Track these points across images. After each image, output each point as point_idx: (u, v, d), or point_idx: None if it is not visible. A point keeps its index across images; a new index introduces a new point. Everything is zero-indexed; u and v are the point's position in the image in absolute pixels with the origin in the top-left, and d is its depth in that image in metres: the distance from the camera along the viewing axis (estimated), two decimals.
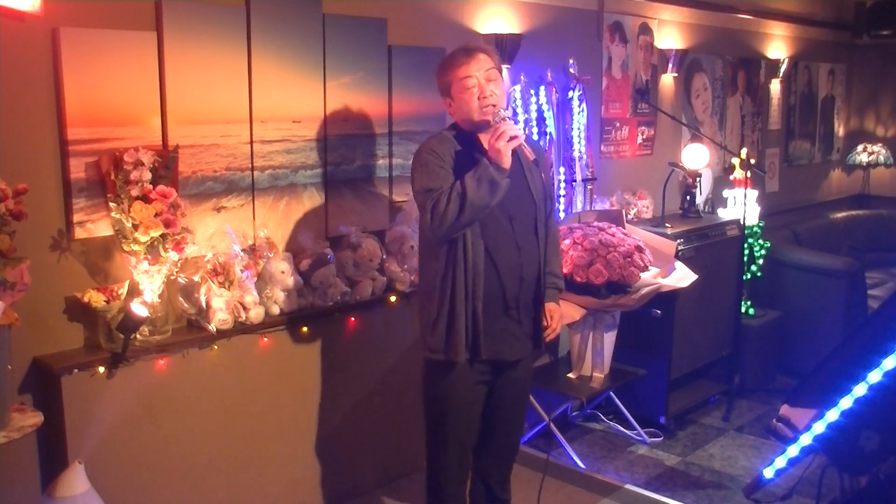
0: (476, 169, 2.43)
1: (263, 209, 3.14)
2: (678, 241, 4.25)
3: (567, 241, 3.78)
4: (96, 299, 2.63)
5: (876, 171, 7.47)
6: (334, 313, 3.24)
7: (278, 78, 3.11)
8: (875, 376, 2.35)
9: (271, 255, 3.08)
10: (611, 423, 4.43)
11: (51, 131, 2.60)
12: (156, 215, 2.63)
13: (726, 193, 5.25)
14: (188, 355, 2.84)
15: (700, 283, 4.13)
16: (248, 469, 3.08)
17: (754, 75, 6.02)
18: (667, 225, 4.41)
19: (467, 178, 2.42)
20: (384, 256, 3.38)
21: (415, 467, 3.58)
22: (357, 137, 3.40)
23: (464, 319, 2.59)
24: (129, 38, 2.70)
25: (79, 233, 2.66)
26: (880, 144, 7.28)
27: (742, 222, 4.69)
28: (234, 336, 2.94)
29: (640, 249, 3.82)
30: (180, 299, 2.89)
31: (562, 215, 4.26)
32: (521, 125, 2.51)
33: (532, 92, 4.09)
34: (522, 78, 4.04)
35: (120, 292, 2.69)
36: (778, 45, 6.26)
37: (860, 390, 2.38)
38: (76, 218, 2.64)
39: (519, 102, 4.02)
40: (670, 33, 5.11)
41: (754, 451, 4.18)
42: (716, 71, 5.60)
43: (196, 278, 2.90)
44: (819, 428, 2.47)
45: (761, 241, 5.14)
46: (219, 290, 2.89)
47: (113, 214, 2.66)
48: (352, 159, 3.40)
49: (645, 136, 5.05)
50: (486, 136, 2.58)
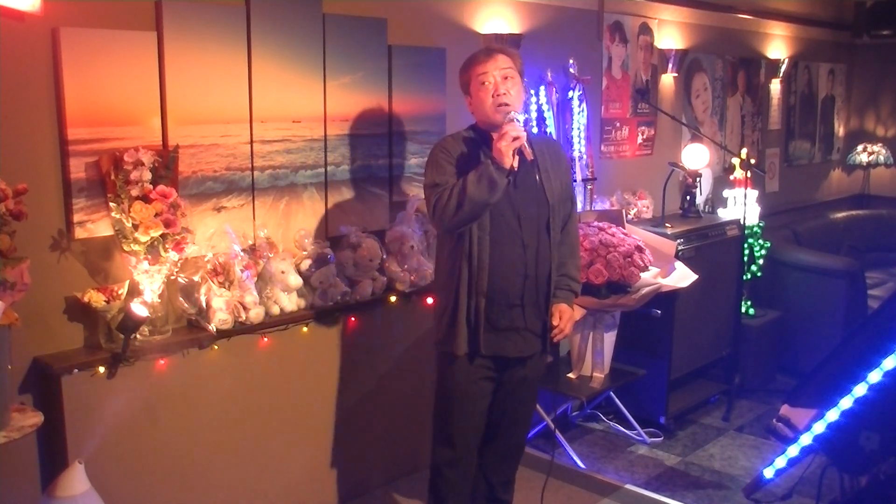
0: (478, 167, 2.51)
1: (263, 209, 3.14)
2: (678, 241, 4.25)
3: None
4: (96, 299, 2.63)
5: (876, 171, 7.47)
6: (334, 313, 3.24)
7: (278, 78, 3.10)
8: (875, 376, 2.35)
9: (271, 255, 3.08)
10: (611, 423, 4.43)
11: (51, 131, 2.60)
12: (156, 215, 2.63)
13: (726, 193, 5.25)
14: (188, 355, 2.84)
15: (700, 283, 4.13)
16: (248, 469, 3.08)
17: (754, 75, 6.03)
18: (667, 225, 4.41)
19: (469, 175, 2.51)
20: (384, 256, 3.38)
21: (416, 466, 3.58)
22: (357, 137, 3.40)
23: (465, 313, 2.65)
24: (129, 38, 2.70)
25: (79, 233, 2.66)
26: (880, 144, 7.28)
27: (742, 222, 4.69)
28: (234, 336, 2.93)
29: (640, 249, 3.82)
30: (180, 299, 2.89)
31: None
32: (522, 125, 2.54)
33: (532, 92, 4.09)
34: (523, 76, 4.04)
35: (120, 292, 2.69)
36: (778, 45, 6.26)
37: (860, 390, 2.38)
38: (76, 218, 2.64)
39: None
40: (670, 33, 5.11)
41: (754, 451, 4.18)
42: (716, 71, 5.60)
43: (196, 278, 2.90)
44: (819, 428, 2.47)
45: (761, 241, 5.14)
46: (219, 290, 2.89)
47: (113, 214, 2.66)
48: (352, 159, 3.40)
49: (645, 136, 5.05)
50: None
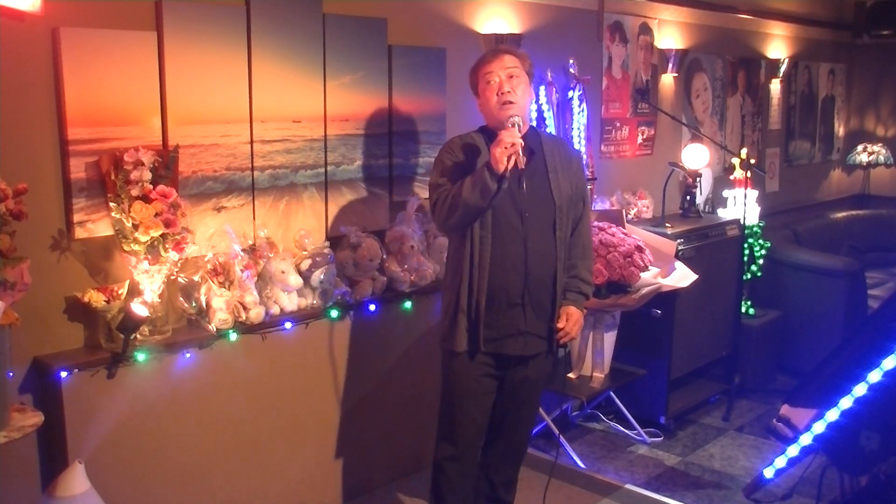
0: (475, 172, 2.54)
1: (263, 209, 3.14)
2: (678, 241, 4.25)
3: None
4: (96, 299, 2.63)
5: (876, 171, 7.47)
6: (334, 313, 3.24)
7: (278, 78, 3.11)
8: (875, 376, 2.35)
9: (271, 255, 3.08)
10: (611, 423, 4.43)
11: (51, 131, 2.60)
12: (156, 215, 2.63)
13: (726, 193, 5.25)
14: (188, 355, 2.84)
15: (700, 283, 4.12)
16: (248, 469, 3.08)
17: (754, 75, 6.02)
18: (667, 225, 4.41)
19: (466, 180, 2.54)
20: (384, 256, 3.38)
21: (418, 466, 3.59)
22: (357, 137, 3.40)
23: (466, 310, 2.68)
24: (129, 38, 2.70)
25: (79, 233, 2.66)
26: (880, 144, 7.28)
27: (742, 222, 4.69)
28: (234, 336, 2.93)
29: (640, 249, 3.82)
30: (180, 299, 2.89)
31: None
32: (521, 130, 2.56)
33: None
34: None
35: (120, 292, 2.69)
36: (778, 45, 6.26)
37: (860, 390, 2.38)
38: (76, 218, 2.64)
39: None
40: (670, 33, 5.11)
41: (754, 451, 4.18)
42: (716, 71, 5.60)
43: (196, 278, 2.90)
44: (819, 428, 2.48)
45: (761, 241, 5.14)
46: (219, 290, 2.89)
47: (113, 214, 2.66)
48: (352, 159, 3.40)
49: (645, 136, 5.05)
50: None
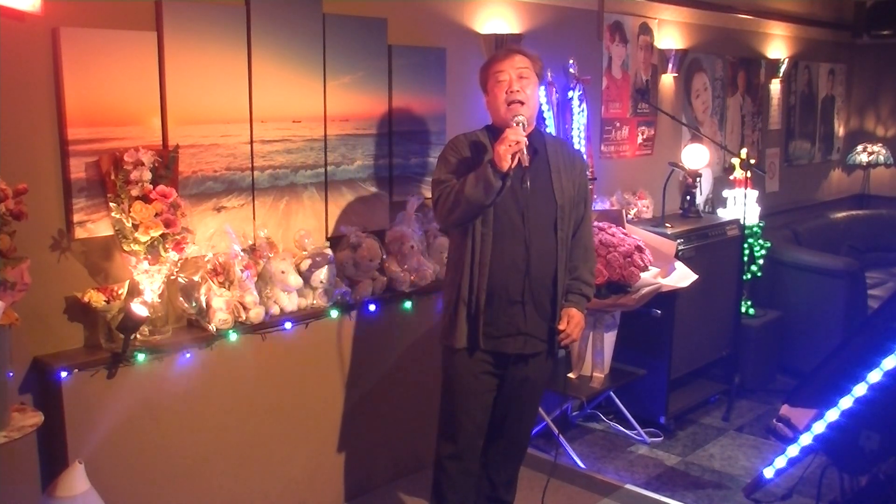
0: (478, 169, 2.54)
1: (263, 209, 3.14)
2: (678, 241, 4.25)
3: None
4: (96, 299, 2.63)
5: (876, 171, 7.47)
6: (334, 313, 3.24)
7: (278, 78, 3.10)
8: (875, 376, 2.35)
9: (271, 255, 3.08)
10: (611, 423, 4.43)
11: (51, 131, 2.60)
12: (156, 215, 2.62)
13: (726, 193, 5.25)
14: (188, 355, 2.84)
15: (700, 283, 4.12)
16: (248, 469, 3.08)
17: (754, 75, 6.02)
18: (667, 225, 4.41)
19: (469, 176, 2.55)
20: (384, 256, 3.38)
21: (418, 466, 3.59)
22: (357, 137, 3.40)
23: (465, 307, 2.69)
24: (129, 38, 2.70)
25: (79, 233, 2.66)
26: (880, 144, 7.28)
27: (742, 222, 4.69)
28: (234, 336, 2.93)
29: (640, 249, 3.82)
30: (180, 299, 2.89)
31: None
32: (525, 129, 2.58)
33: None
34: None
35: (120, 292, 2.69)
36: (778, 45, 6.26)
37: (860, 390, 2.38)
38: (76, 218, 2.64)
39: None
40: (670, 33, 5.11)
41: (754, 451, 4.18)
42: (716, 71, 5.60)
43: (196, 278, 2.90)
44: (819, 428, 2.48)
45: (761, 241, 5.14)
46: (219, 290, 2.89)
47: (113, 214, 2.66)
48: (352, 159, 3.40)
49: (645, 136, 5.05)
50: None
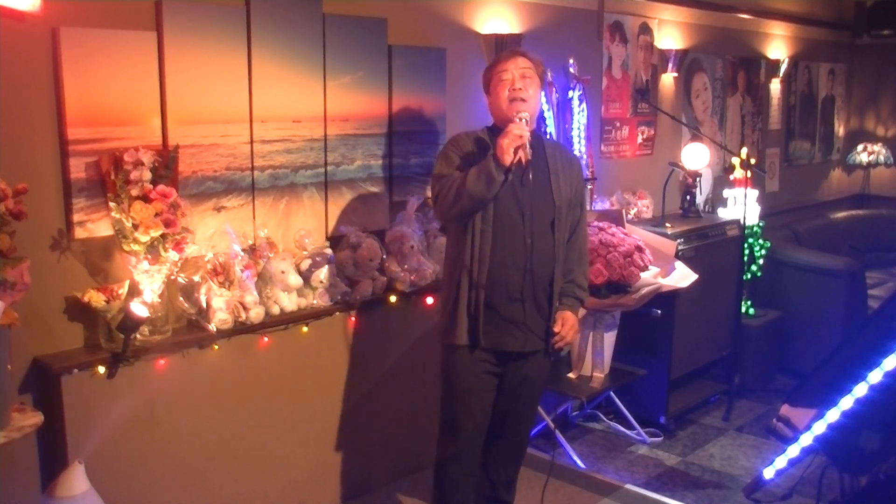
0: (480, 163, 2.56)
1: (263, 209, 3.14)
2: (678, 241, 4.25)
3: None
4: (96, 299, 2.63)
5: (876, 170, 7.47)
6: (334, 313, 3.24)
7: (278, 78, 3.10)
8: (875, 376, 2.35)
9: (271, 255, 3.08)
10: (611, 423, 4.43)
11: (51, 131, 2.60)
12: (156, 215, 2.63)
13: (726, 193, 5.25)
14: (188, 355, 2.84)
15: (700, 283, 4.12)
16: (248, 469, 3.08)
17: (754, 75, 6.02)
18: (667, 225, 4.41)
19: (471, 170, 2.57)
20: (384, 256, 3.38)
21: (419, 465, 3.58)
22: (357, 137, 3.40)
23: (466, 304, 2.70)
24: (129, 38, 2.70)
25: (79, 233, 2.66)
26: (880, 144, 7.28)
27: (742, 222, 4.69)
28: (234, 336, 2.93)
29: (640, 249, 3.82)
30: (180, 299, 2.89)
31: None
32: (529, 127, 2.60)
33: None
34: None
35: (120, 292, 2.69)
36: (778, 45, 6.26)
37: (860, 390, 2.38)
38: (76, 218, 2.64)
39: None
40: (670, 33, 5.11)
41: (754, 451, 4.18)
42: (716, 71, 5.60)
43: (196, 278, 2.90)
44: (819, 428, 2.47)
45: (761, 241, 5.14)
46: (219, 290, 2.89)
47: (113, 214, 2.66)
48: (352, 159, 3.40)
49: (645, 136, 5.05)
50: None
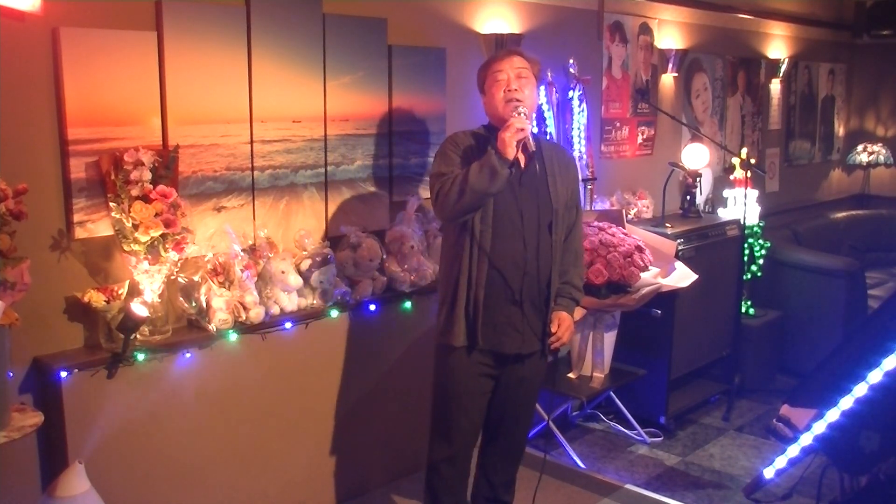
0: (482, 157, 2.53)
1: (263, 209, 3.14)
2: (678, 241, 4.25)
3: None
4: (96, 299, 2.63)
5: (876, 171, 7.47)
6: (334, 313, 3.24)
7: (278, 78, 3.11)
8: (875, 376, 2.35)
9: (271, 255, 3.08)
10: (611, 423, 4.43)
11: (51, 131, 2.60)
12: (156, 215, 2.62)
13: (726, 193, 5.25)
14: (188, 355, 2.84)
15: (700, 283, 4.12)
16: (248, 469, 3.08)
17: (754, 75, 6.03)
18: (667, 225, 4.41)
19: (473, 165, 2.54)
20: (384, 256, 3.38)
21: (416, 467, 3.58)
22: (357, 137, 3.40)
23: (464, 305, 2.68)
24: (129, 38, 2.70)
25: (79, 233, 2.66)
26: (880, 144, 7.28)
27: (742, 222, 4.69)
28: (234, 336, 2.93)
29: (640, 249, 3.82)
30: (180, 299, 2.89)
31: None
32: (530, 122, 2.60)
33: None
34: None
35: (120, 292, 2.69)
36: (778, 45, 6.26)
37: (860, 390, 2.38)
38: (76, 218, 2.64)
39: None
40: (670, 33, 5.11)
41: (754, 451, 4.19)
42: (716, 71, 5.60)
43: (196, 278, 2.90)
44: (819, 428, 2.47)
45: (761, 241, 5.15)
46: (219, 290, 2.89)
47: (113, 214, 2.66)
48: (352, 159, 3.40)
49: (645, 136, 5.05)
50: None
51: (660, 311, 4.11)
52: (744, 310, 4.94)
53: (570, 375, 4.12)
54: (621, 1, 4.66)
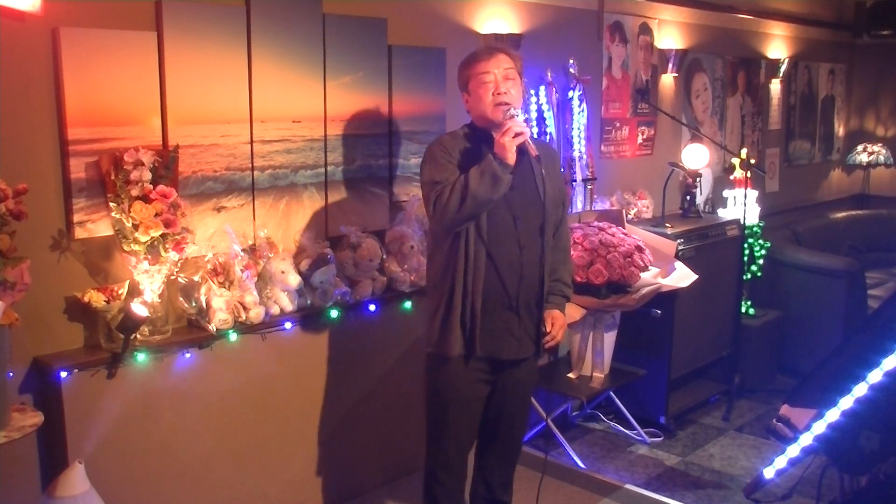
0: (481, 163, 2.48)
1: (263, 209, 3.14)
2: (678, 241, 4.25)
3: None
4: (96, 299, 2.63)
5: (876, 171, 7.47)
6: (334, 313, 3.24)
7: (278, 78, 3.10)
8: (875, 376, 2.35)
9: (271, 255, 3.08)
10: (611, 423, 4.43)
11: (51, 131, 2.60)
12: (156, 215, 2.62)
13: (726, 193, 5.25)
14: (188, 355, 2.84)
15: (700, 283, 4.13)
16: (248, 469, 3.08)
17: (754, 75, 6.03)
18: (667, 225, 4.41)
19: (472, 171, 2.48)
20: (384, 256, 3.38)
21: (415, 467, 3.58)
22: (357, 137, 3.40)
23: (460, 314, 2.62)
24: (129, 38, 2.70)
25: (79, 233, 2.66)
26: (880, 144, 7.28)
27: (742, 222, 4.69)
28: (234, 336, 2.93)
29: (640, 249, 3.82)
30: (180, 299, 2.89)
31: None
32: (525, 123, 2.55)
33: (532, 92, 4.09)
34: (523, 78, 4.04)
35: (120, 292, 2.69)
36: (778, 45, 6.26)
37: (860, 390, 2.38)
38: (76, 218, 2.64)
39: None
40: (670, 33, 5.11)
41: (754, 451, 4.19)
42: (716, 71, 5.60)
43: (196, 278, 2.90)
44: (819, 428, 2.47)
45: (761, 241, 5.15)
46: (219, 290, 2.89)
47: (113, 214, 2.66)
48: (352, 159, 3.40)
49: (645, 136, 5.05)
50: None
51: (660, 311, 4.11)
52: (744, 310, 4.94)
53: (570, 375, 4.12)
54: (621, 1, 4.66)
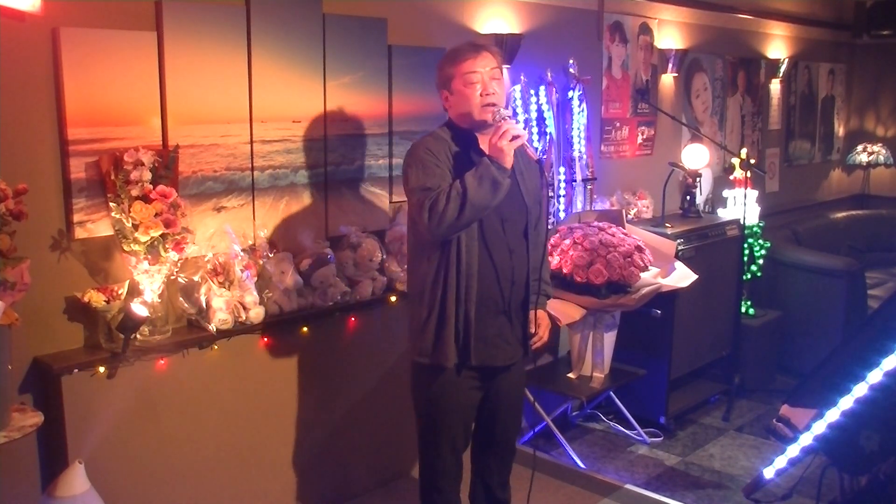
0: (477, 168, 2.39)
1: (263, 209, 3.14)
2: (678, 241, 4.25)
3: (567, 241, 3.78)
4: (96, 299, 2.63)
5: (876, 171, 7.47)
6: (334, 313, 3.24)
7: (278, 78, 3.11)
8: (875, 376, 2.35)
9: (271, 255, 3.08)
10: (611, 423, 4.43)
11: (51, 131, 2.60)
12: (156, 215, 2.63)
13: (726, 193, 5.25)
14: (188, 355, 2.84)
15: (700, 283, 4.13)
16: (247, 469, 3.08)
17: (754, 75, 6.03)
18: (667, 225, 4.41)
19: (468, 177, 2.38)
20: (384, 256, 3.38)
21: (412, 469, 3.58)
22: (357, 137, 3.40)
23: (454, 323, 2.55)
24: (129, 38, 2.70)
25: (79, 233, 2.66)
26: (880, 144, 7.28)
27: (742, 222, 4.69)
28: (234, 336, 2.93)
29: (640, 249, 3.82)
30: (180, 299, 2.89)
31: (562, 215, 4.27)
32: (521, 125, 2.50)
33: (532, 92, 4.09)
34: (522, 78, 4.04)
35: (120, 292, 2.69)
36: (778, 45, 6.26)
37: (860, 390, 2.38)
38: (76, 218, 2.64)
39: (519, 102, 4.02)
40: (670, 33, 5.11)
41: (754, 451, 4.19)
42: (716, 71, 5.60)
43: (196, 278, 2.90)
44: (819, 428, 2.47)
45: (761, 241, 5.14)
46: (219, 290, 2.89)
47: (113, 214, 2.66)
48: (352, 159, 3.40)
49: (645, 136, 5.05)
50: (485, 137, 2.54)
51: (660, 311, 4.11)
52: (744, 310, 4.94)
53: (570, 375, 4.12)
54: (621, 1, 4.66)
